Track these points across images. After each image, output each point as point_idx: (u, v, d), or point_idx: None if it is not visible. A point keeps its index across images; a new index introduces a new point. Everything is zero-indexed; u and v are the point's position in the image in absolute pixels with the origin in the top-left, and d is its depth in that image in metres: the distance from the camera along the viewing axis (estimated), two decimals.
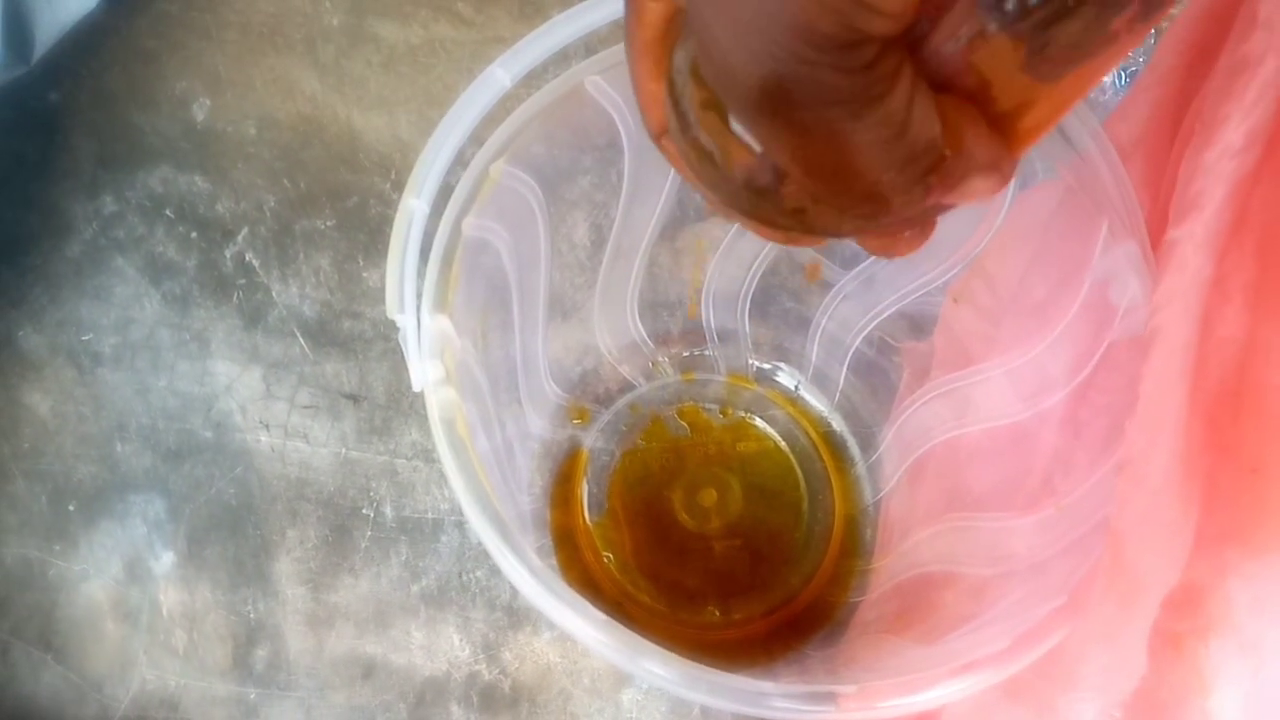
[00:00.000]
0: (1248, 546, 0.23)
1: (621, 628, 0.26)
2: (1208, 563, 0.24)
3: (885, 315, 0.44)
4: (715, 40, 0.16)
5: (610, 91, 0.33)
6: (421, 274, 0.31)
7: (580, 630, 0.26)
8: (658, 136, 0.23)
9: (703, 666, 0.26)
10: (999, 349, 0.38)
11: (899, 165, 0.17)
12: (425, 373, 0.29)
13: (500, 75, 0.31)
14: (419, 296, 0.30)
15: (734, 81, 0.16)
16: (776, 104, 0.16)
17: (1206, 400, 0.25)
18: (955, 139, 0.18)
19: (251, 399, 0.48)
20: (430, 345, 0.30)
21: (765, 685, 0.26)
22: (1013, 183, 0.34)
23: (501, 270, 0.36)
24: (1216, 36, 0.27)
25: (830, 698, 0.26)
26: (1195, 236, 0.24)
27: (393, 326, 0.30)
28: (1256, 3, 0.23)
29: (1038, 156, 0.33)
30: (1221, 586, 0.24)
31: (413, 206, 0.30)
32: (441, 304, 0.30)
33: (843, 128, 0.16)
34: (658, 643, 0.27)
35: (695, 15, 0.16)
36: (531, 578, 0.27)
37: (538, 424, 0.45)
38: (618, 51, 0.33)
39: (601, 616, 0.27)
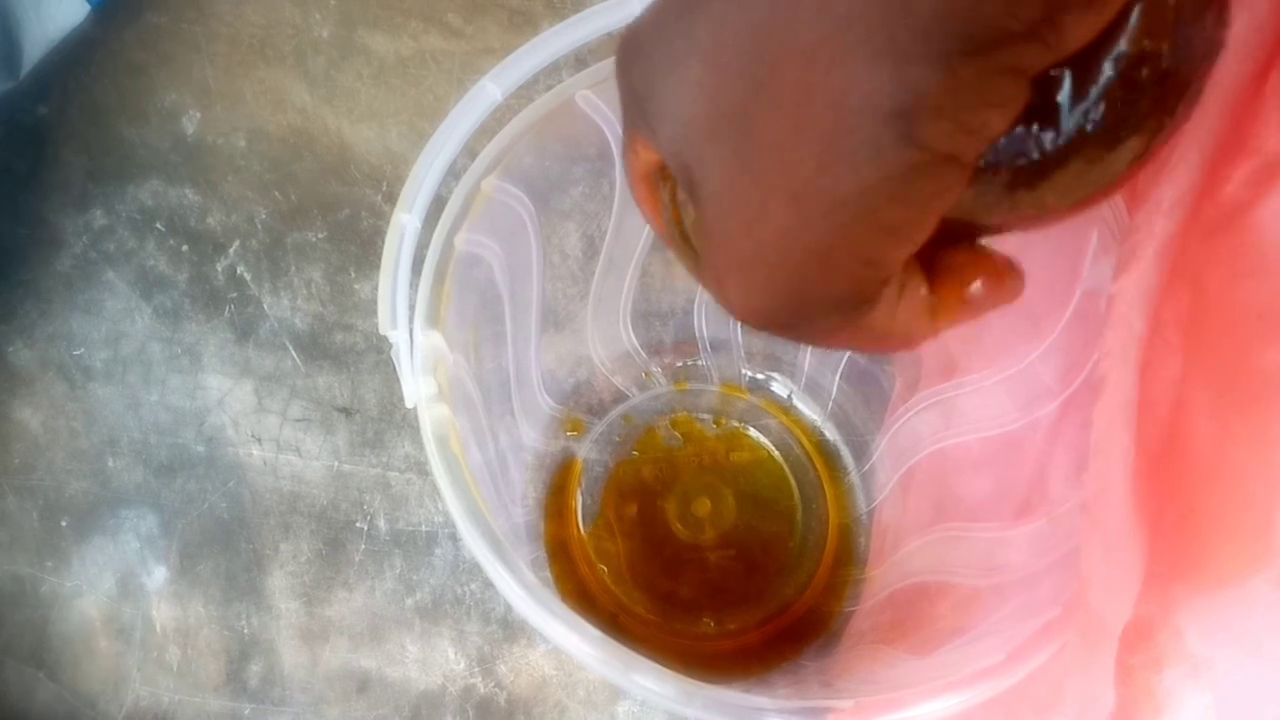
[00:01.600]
0: (1192, 584, 0.24)
1: (614, 643, 0.26)
2: (1156, 600, 0.24)
3: None
4: (731, 284, 0.18)
5: (600, 105, 0.33)
6: (414, 289, 0.31)
7: (573, 646, 0.26)
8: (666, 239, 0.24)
9: (697, 681, 0.26)
10: (988, 358, 0.38)
11: (883, 344, 0.20)
12: (418, 389, 0.29)
13: (491, 89, 0.31)
14: (411, 312, 0.30)
15: (744, 315, 0.19)
16: (782, 330, 0.19)
17: (1150, 445, 0.25)
18: (943, 317, 0.20)
19: (243, 413, 0.48)
20: (423, 361, 0.30)
21: (760, 700, 0.26)
22: None
23: (494, 283, 0.36)
24: None
25: (824, 713, 0.26)
26: (1128, 293, 0.25)
27: (385, 338, 0.30)
28: None
29: None
30: (1170, 621, 0.24)
31: (404, 222, 0.30)
32: (434, 320, 0.30)
33: (834, 338, 0.19)
34: (652, 656, 0.27)
35: (711, 254, 0.18)
36: (525, 593, 0.27)
37: (531, 435, 0.45)
38: (608, 65, 0.33)
39: (594, 632, 0.27)
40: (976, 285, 0.19)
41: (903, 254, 0.17)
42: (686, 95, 0.17)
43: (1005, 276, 0.20)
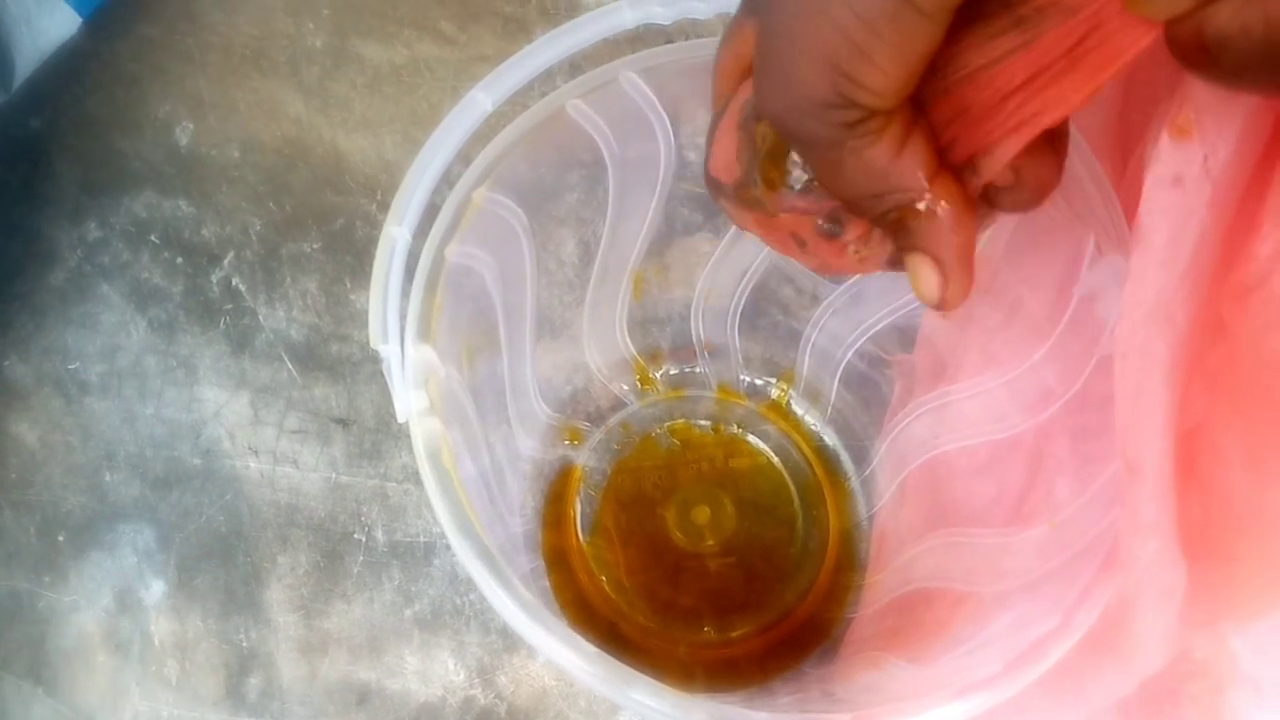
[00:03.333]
0: (1240, 618, 0.24)
1: (610, 659, 0.26)
2: (1206, 638, 0.25)
3: (876, 329, 0.44)
4: (759, 81, 0.23)
5: (592, 114, 0.33)
6: (406, 300, 0.31)
7: (567, 661, 0.26)
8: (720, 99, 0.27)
9: (694, 696, 0.26)
10: (985, 362, 0.38)
11: (874, 195, 0.23)
12: (409, 403, 0.29)
13: (482, 99, 0.31)
14: (403, 325, 0.30)
15: (767, 113, 0.23)
16: (793, 132, 0.22)
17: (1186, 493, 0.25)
18: (942, 195, 0.22)
19: (240, 425, 0.48)
20: (414, 375, 0.29)
21: (760, 715, 0.26)
22: None
23: (487, 294, 0.36)
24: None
25: None
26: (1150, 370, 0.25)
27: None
28: (1184, 97, 0.24)
29: None
30: (1225, 649, 0.25)
31: (395, 235, 0.30)
32: (425, 333, 0.30)
33: (838, 157, 0.22)
34: (652, 666, 0.26)
35: (755, 62, 0.23)
36: (518, 609, 0.27)
37: (528, 445, 0.45)
38: (602, 73, 0.33)
39: (590, 648, 0.26)
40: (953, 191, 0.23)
41: (870, 79, 0.20)
42: None
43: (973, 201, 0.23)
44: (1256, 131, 0.23)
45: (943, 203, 0.22)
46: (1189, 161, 0.23)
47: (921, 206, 0.22)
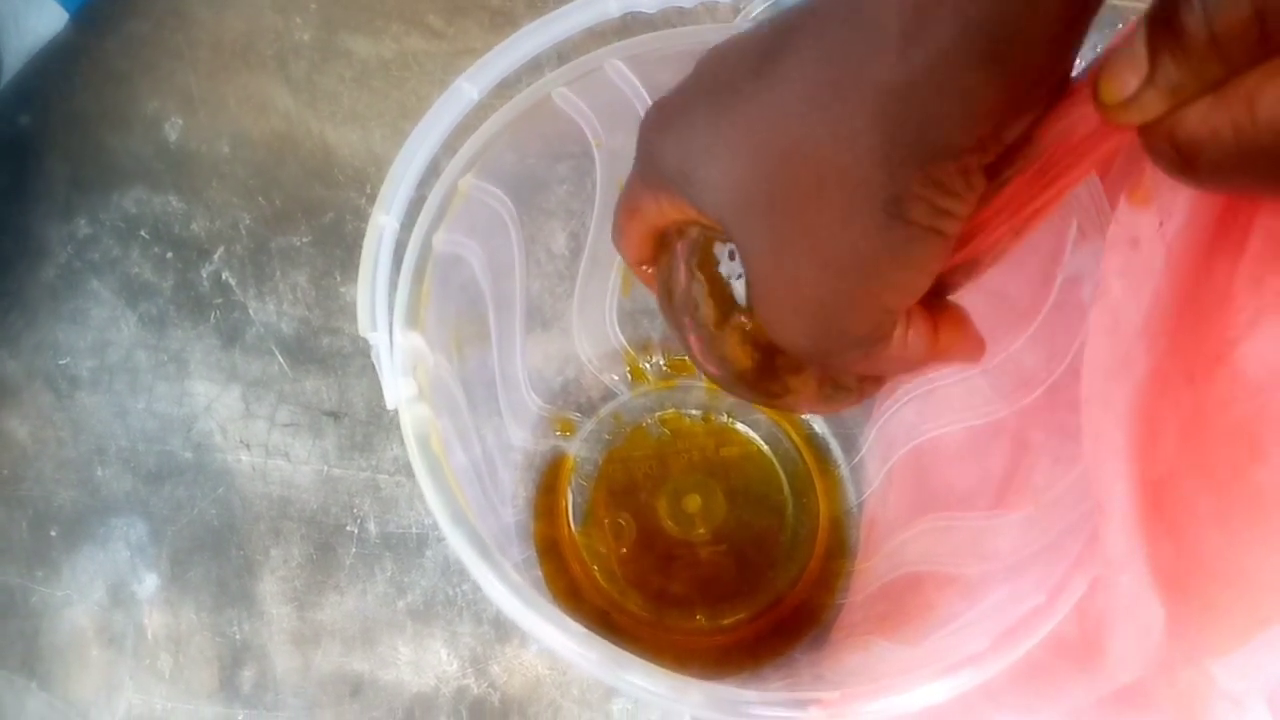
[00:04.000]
0: (1216, 653, 0.26)
1: (603, 641, 0.26)
2: (1189, 669, 0.26)
3: None
4: (780, 325, 0.24)
5: (578, 102, 0.33)
6: (395, 289, 0.31)
7: (561, 645, 0.26)
8: (636, 265, 0.29)
9: (685, 677, 0.26)
10: None
11: (897, 368, 0.25)
12: (398, 390, 0.29)
13: (467, 89, 0.31)
14: (392, 313, 0.30)
15: (788, 345, 0.24)
16: (825, 361, 0.24)
17: (1161, 546, 0.27)
18: (944, 343, 0.25)
19: (231, 418, 0.48)
20: (403, 362, 0.29)
21: (748, 694, 0.26)
22: None
23: (476, 283, 0.36)
24: None
25: (808, 704, 0.26)
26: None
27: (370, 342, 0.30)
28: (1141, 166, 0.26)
29: None
30: (1203, 673, 0.26)
31: (382, 223, 0.30)
32: (413, 321, 0.30)
33: (851, 363, 0.24)
34: (644, 654, 0.27)
35: (762, 301, 0.24)
36: (510, 594, 0.27)
37: (519, 435, 0.45)
38: (587, 61, 0.33)
39: (582, 631, 0.26)
40: (948, 329, 0.25)
41: (908, 302, 0.23)
42: (729, 179, 0.22)
43: (971, 328, 0.26)
44: (1209, 202, 0.25)
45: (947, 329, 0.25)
46: (1146, 225, 0.25)
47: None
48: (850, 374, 0.26)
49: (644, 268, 0.29)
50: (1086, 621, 0.28)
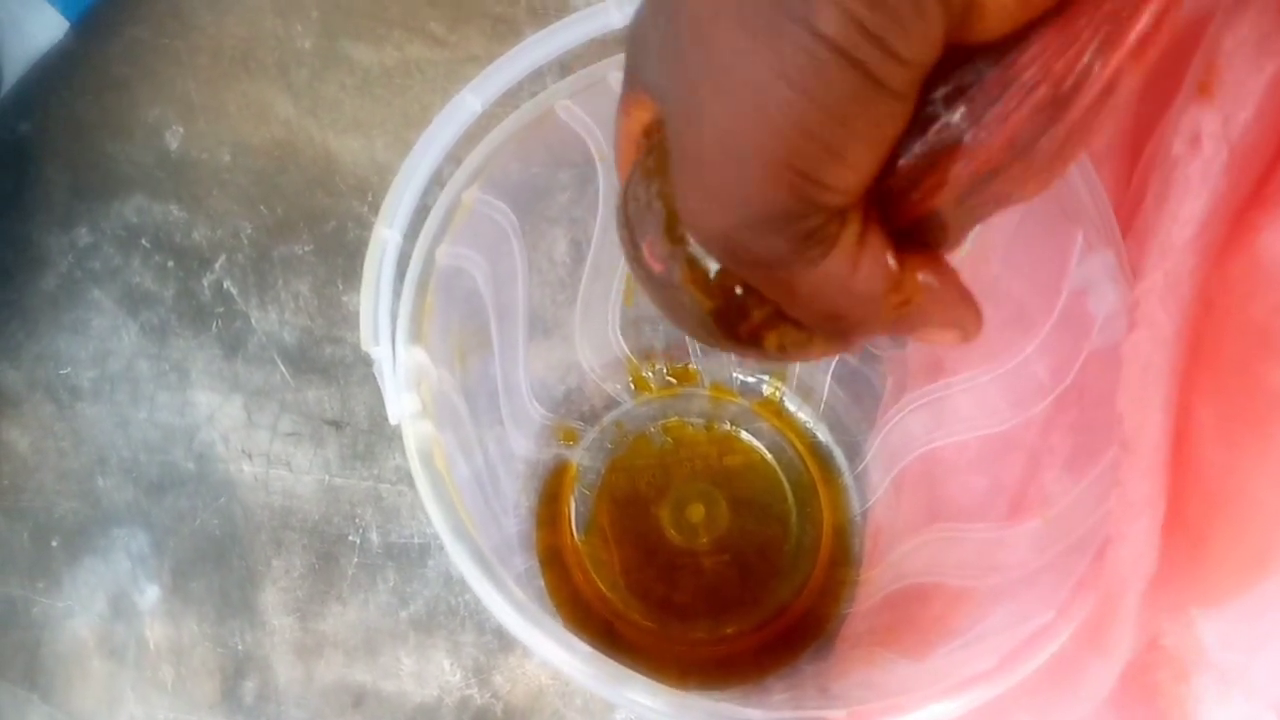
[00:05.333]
0: (1206, 600, 0.24)
1: (605, 658, 0.26)
2: (1173, 622, 0.25)
3: None
4: (687, 195, 0.19)
5: (582, 115, 0.33)
6: (397, 302, 0.30)
7: (562, 661, 0.26)
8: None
9: (689, 694, 0.26)
10: (976, 357, 0.38)
11: (845, 309, 0.19)
12: (401, 406, 0.29)
13: (471, 100, 0.31)
14: (394, 327, 0.30)
15: (703, 232, 0.19)
16: (738, 253, 0.19)
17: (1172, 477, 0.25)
18: (910, 296, 0.20)
19: (233, 428, 0.48)
20: (405, 377, 0.29)
21: (754, 713, 0.26)
22: None
23: (478, 295, 0.36)
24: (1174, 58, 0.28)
25: None
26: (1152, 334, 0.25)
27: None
28: (1212, 55, 0.23)
29: None
30: (1190, 635, 0.24)
31: (385, 238, 0.30)
32: (416, 335, 0.30)
33: (791, 275, 0.19)
34: (648, 664, 0.26)
35: (674, 170, 0.19)
36: (511, 609, 0.27)
37: (522, 445, 0.45)
38: (591, 73, 0.33)
39: (585, 648, 0.26)
40: (924, 275, 0.20)
41: (839, 178, 0.17)
42: (647, 28, 0.19)
43: (958, 292, 0.21)
44: (1276, 99, 0.22)
45: (921, 275, 0.20)
46: (1209, 121, 0.22)
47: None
48: (799, 305, 0.20)
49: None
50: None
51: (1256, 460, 0.22)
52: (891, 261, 0.19)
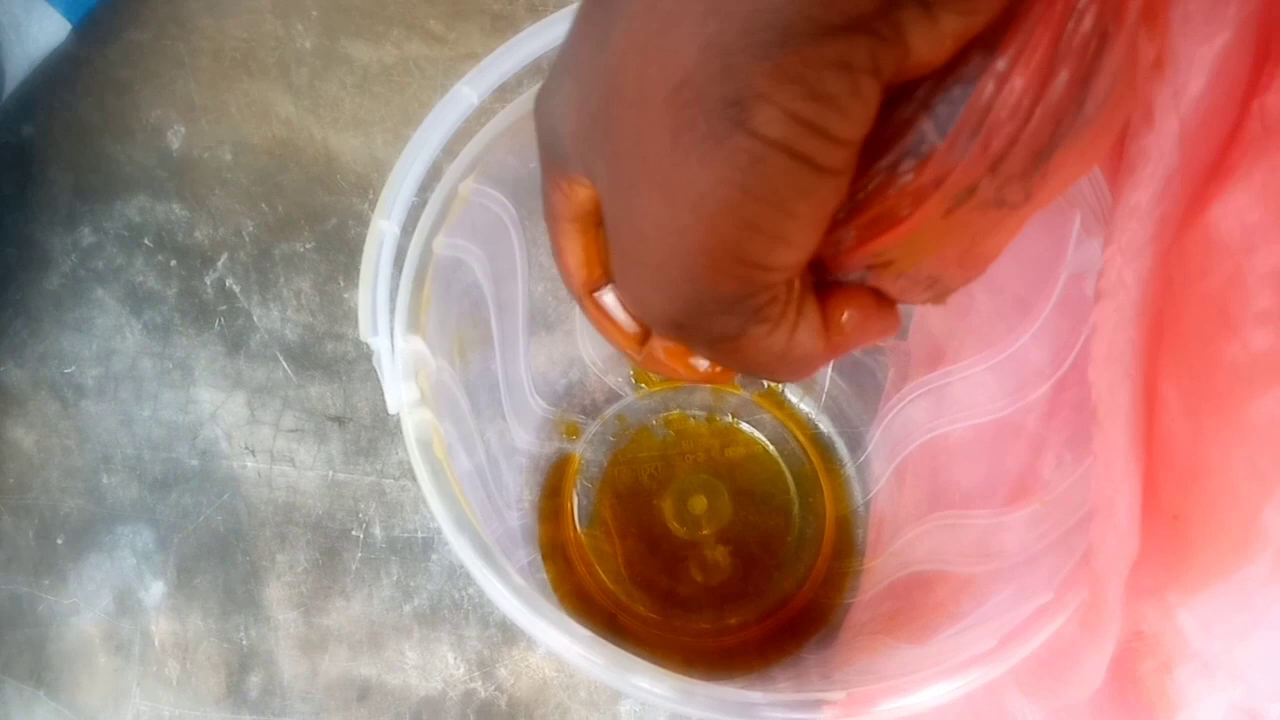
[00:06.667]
0: (1185, 586, 0.24)
1: (608, 645, 0.26)
2: (1154, 609, 0.24)
3: None
4: (631, 286, 0.19)
5: None
6: (396, 295, 0.31)
7: (565, 649, 0.26)
8: (581, 294, 0.24)
9: (692, 680, 0.26)
10: (976, 345, 0.38)
11: (782, 367, 0.20)
12: (400, 395, 0.29)
13: (467, 93, 0.31)
14: (392, 317, 0.30)
15: (649, 316, 0.19)
16: (686, 332, 0.19)
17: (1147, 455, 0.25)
18: (839, 341, 0.20)
19: (236, 425, 0.48)
20: (404, 367, 0.29)
21: (756, 696, 0.26)
22: None
23: (477, 287, 0.36)
24: None
25: (819, 706, 0.25)
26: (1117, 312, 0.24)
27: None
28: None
29: None
30: (1172, 623, 0.24)
31: (382, 228, 0.30)
32: (414, 325, 0.30)
33: (736, 346, 0.19)
34: (652, 656, 0.26)
35: (616, 260, 0.19)
36: (514, 598, 0.27)
37: (524, 438, 0.45)
38: None
39: (588, 634, 0.26)
40: (847, 315, 0.20)
41: (784, 259, 0.17)
42: (572, 118, 0.18)
43: (877, 311, 0.21)
44: (1228, 73, 0.22)
45: (845, 315, 0.20)
46: (1161, 94, 0.22)
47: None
48: (741, 366, 0.21)
49: (595, 295, 0.23)
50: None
51: (1221, 435, 0.22)
52: (819, 324, 0.20)
